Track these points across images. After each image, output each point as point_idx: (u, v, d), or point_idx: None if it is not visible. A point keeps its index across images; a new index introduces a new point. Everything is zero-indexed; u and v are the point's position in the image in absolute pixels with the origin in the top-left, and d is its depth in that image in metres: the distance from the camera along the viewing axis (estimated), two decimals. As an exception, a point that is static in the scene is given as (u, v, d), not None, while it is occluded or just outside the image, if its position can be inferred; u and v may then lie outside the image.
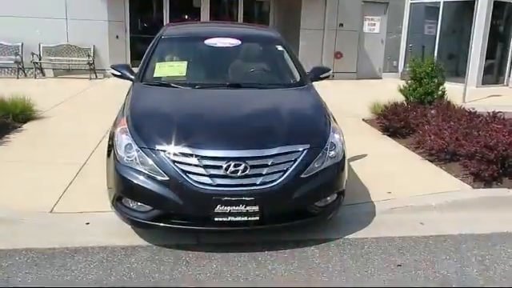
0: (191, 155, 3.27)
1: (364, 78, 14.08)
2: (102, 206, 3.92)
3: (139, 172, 3.32)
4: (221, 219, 3.25)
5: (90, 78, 11.49)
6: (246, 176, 3.26)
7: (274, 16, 14.41)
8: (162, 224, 3.36)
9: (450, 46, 14.12)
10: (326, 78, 4.76)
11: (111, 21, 11.94)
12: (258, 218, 3.28)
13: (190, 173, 3.24)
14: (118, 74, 4.50)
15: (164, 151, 3.30)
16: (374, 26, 14.56)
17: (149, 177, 3.29)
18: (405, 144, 6.17)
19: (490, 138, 4.79)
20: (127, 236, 3.69)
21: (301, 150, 3.41)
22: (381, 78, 14.68)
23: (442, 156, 5.36)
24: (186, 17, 13.41)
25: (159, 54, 4.64)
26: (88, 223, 3.89)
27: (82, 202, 4.18)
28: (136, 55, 12.44)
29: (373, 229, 3.92)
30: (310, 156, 3.42)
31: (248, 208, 3.24)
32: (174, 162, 3.27)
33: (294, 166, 3.34)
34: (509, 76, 13.72)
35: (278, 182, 3.29)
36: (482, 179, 4.65)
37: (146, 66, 4.46)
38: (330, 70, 4.79)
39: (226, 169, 3.24)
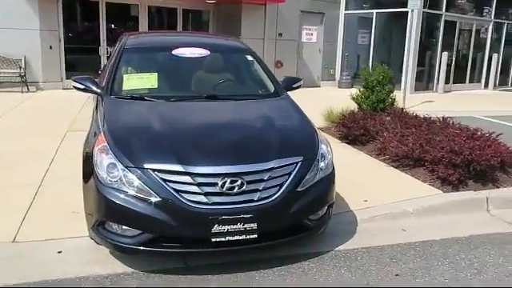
0: (184, 173, 3.07)
1: (304, 87, 14.29)
2: (70, 231, 3.68)
3: (126, 193, 3.06)
4: (218, 239, 3.07)
5: (22, 91, 10.71)
6: (243, 192, 3.10)
7: (213, 25, 14.28)
8: (152, 249, 3.12)
9: (383, 55, 14.73)
10: (298, 87, 4.72)
11: (43, 30, 11.22)
12: (256, 235, 3.13)
13: (183, 192, 3.03)
14: (81, 87, 4.15)
15: (153, 170, 3.07)
16: (311, 35, 14.88)
17: (137, 198, 3.04)
18: (366, 151, 6.28)
19: (453, 143, 4.97)
20: (107, 263, 3.40)
21: (295, 162, 3.31)
22: (319, 86, 15.02)
23: (405, 162, 5.49)
24: (125, 26, 12.95)
25: (125, 66, 4.36)
26: (60, 251, 3.54)
27: (47, 227, 3.82)
28: (71, 66, 11.83)
29: (359, 239, 3.90)
30: (304, 168, 3.33)
31: (246, 226, 3.08)
32: (165, 180, 3.04)
33: (289, 180, 3.24)
34: (437, 83, 14.54)
35: (276, 196, 3.17)
36: (449, 183, 4.81)
37: (113, 78, 4.16)
38: (301, 79, 4.75)
39: (222, 186, 3.07)
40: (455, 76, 15.08)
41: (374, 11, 14.47)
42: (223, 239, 3.08)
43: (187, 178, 3.06)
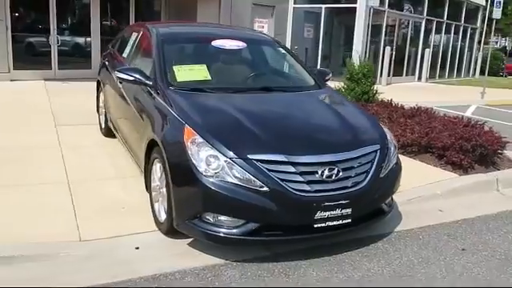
0: (286, 163, 3.16)
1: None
2: (132, 227, 3.65)
3: (231, 183, 3.09)
4: (320, 225, 3.21)
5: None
6: (339, 179, 3.26)
7: (166, 15, 13.98)
8: (256, 238, 3.18)
9: (332, 48, 15.36)
10: (328, 80, 4.91)
11: (-12, 18, 10.34)
12: (350, 220, 3.31)
13: (287, 181, 3.13)
14: (130, 78, 4.04)
15: (257, 160, 3.13)
16: (262, 28, 15.07)
17: (244, 188, 3.08)
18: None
19: (460, 131, 5.47)
20: (193, 255, 3.40)
21: (375, 150, 3.53)
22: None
23: (409, 150, 5.90)
24: (75, 15, 12.32)
25: (169, 57, 4.27)
26: (137, 248, 3.47)
27: (106, 225, 3.72)
28: (20, 57, 11.04)
29: (408, 220, 4.19)
30: (382, 156, 3.55)
31: (343, 211, 3.25)
32: (270, 170, 3.11)
33: (373, 167, 3.45)
34: (381, 75, 15.44)
35: (365, 183, 3.36)
36: (460, 167, 5.28)
37: (164, 70, 4.09)
38: (330, 72, 4.94)
39: (322, 174, 3.20)
40: (394, 69, 16.09)
41: (323, 6, 15.00)
42: (323, 225, 3.22)
43: (290, 168, 3.16)
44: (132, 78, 4.04)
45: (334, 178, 3.23)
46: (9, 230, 3.55)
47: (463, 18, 19.87)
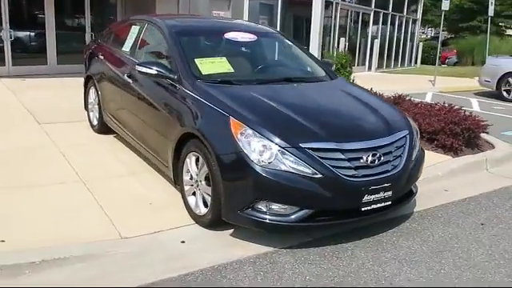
0: (336, 150, 3.29)
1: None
2: (168, 222, 3.65)
3: (286, 172, 3.17)
4: (366, 208, 3.38)
5: None
6: (381, 164, 3.44)
7: (122, 9, 13.59)
8: (310, 224, 3.30)
9: (288, 40, 15.56)
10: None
11: None
12: (390, 202, 3.51)
13: (338, 167, 3.26)
14: (153, 72, 3.99)
15: (309, 148, 3.23)
16: (220, 20, 15.05)
17: (298, 176, 3.18)
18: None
19: (449, 115, 5.85)
20: (241, 245, 3.45)
21: (405, 135, 3.74)
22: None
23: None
24: (28, 9, 11.68)
25: (188, 50, 4.25)
26: (183, 241, 3.47)
27: (141, 221, 3.69)
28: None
29: (423, 200, 4.43)
30: (411, 140, 3.77)
31: (385, 194, 3.44)
32: (322, 158, 3.23)
33: (406, 151, 3.66)
34: (336, 66, 15.91)
35: (401, 166, 3.56)
36: (450, 149, 5.65)
37: (187, 63, 4.07)
38: (333, 64, 5.10)
39: (366, 159, 3.36)
40: (347, 60, 16.62)
41: (279, -2, 15.20)
42: (369, 208, 3.40)
43: (339, 155, 3.29)
44: (155, 72, 3.99)
45: (376, 162, 3.41)
46: (48, 231, 3.43)
47: (405, 10, 20.83)
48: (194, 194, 3.77)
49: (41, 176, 4.47)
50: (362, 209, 3.36)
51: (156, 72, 3.99)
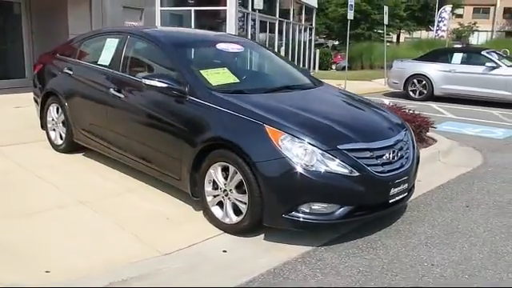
0: (366, 149, 3.58)
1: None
2: (196, 234, 3.66)
3: (327, 173, 3.38)
4: (392, 200, 3.72)
5: None
6: (399, 159, 3.81)
7: (28, 20, 12.68)
8: (350, 219, 3.54)
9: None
10: (310, 77, 5.40)
11: None
12: (406, 193, 3.90)
13: (370, 165, 3.55)
14: (163, 85, 3.95)
15: (345, 149, 3.48)
16: (133, 31, 14.71)
17: (338, 175, 3.41)
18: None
19: (402, 115, 6.47)
20: (281, 248, 3.58)
21: (406, 132, 4.16)
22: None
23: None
24: None
25: (191, 62, 4.28)
26: (225, 251, 3.52)
27: (169, 236, 3.66)
28: None
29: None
30: (410, 138, 4.20)
31: (404, 186, 3.82)
32: (357, 157, 3.50)
33: (412, 146, 4.08)
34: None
35: (411, 159, 3.97)
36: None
37: (194, 75, 4.10)
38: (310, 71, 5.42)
39: (388, 156, 3.71)
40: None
41: (192, 9, 15.27)
42: (393, 200, 3.74)
43: (369, 153, 3.59)
44: (165, 85, 3.95)
45: (395, 158, 3.76)
46: (84, 256, 3.26)
47: (303, 19, 22.07)
48: (218, 203, 3.81)
49: (31, 202, 4.15)
50: (390, 201, 3.69)
51: (166, 85, 3.95)
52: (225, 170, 3.70)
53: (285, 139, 3.42)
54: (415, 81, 12.33)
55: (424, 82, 12.16)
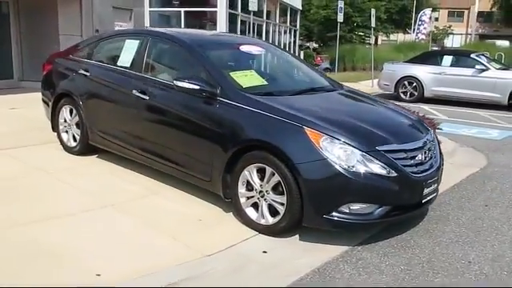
0: (401, 150, 3.66)
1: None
2: (231, 235, 3.70)
3: (368, 174, 3.45)
4: (424, 200, 3.81)
5: None
6: (429, 159, 3.91)
7: (16, 20, 12.43)
8: (387, 219, 3.62)
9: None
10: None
11: None
12: (435, 194, 3.99)
13: (406, 166, 3.64)
14: (196, 87, 3.97)
15: (384, 151, 3.55)
16: (122, 32, 14.58)
17: (378, 176, 3.47)
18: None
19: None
20: (320, 248, 3.63)
21: (432, 134, 4.26)
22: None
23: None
24: None
25: (221, 64, 4.29)
26: (265, 251, 3.55)
27: (204, 238, 3.66)
28: None
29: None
30: (435, 139, 4.30)
31: (434, 186, 3.92)
32: (394, 158, 3.57)
33: (437, 145, 4.18)
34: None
35: (438, 159, 4.08)
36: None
37: (224, 77, 4.12)
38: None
39: (420, 157, 3.80)
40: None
41: (182, 9, 15.21)
42: (425, 200, 3.83)
43: (404, 154, 3.67)
44: (197, 87, 3.97)
45: (427, 159, 3.86)
46: (128, 259, 3.25)
47: (288, 20, 22.21)
48: (253, 205, 3.83)
49: (56, 206, 4.09)
50: (423, 201, 3.78)
51: (198, 87, 3.96)
52: (260, 171, 3.73)
53: (325, 141, 3.47)
54: (406, 83, 12.56)
55: (414, 84, 12.40)
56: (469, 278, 3.25)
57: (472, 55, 12.17)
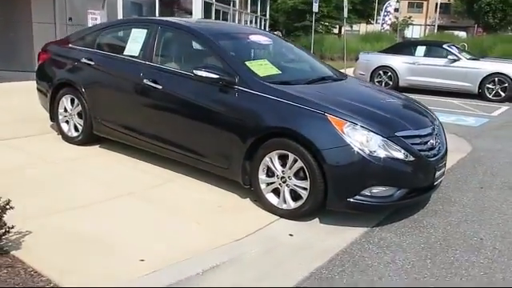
0: (417, 136, 3.88)
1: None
2: (252, 220, 3.83)
3: (388, 158, 3.63)
4: (436, 183, 4.05)
5: None
6: (438, 144, 4.14)
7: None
8: (406, 201, 3.82)
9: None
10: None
11: None
12: (443, 176, 4.24)
13: (421, 150, 3.85)
14: (215, 76, 4.04)
15: (402, 136, 3.75)
16: (96, 20, 14.26)
17: (398, 160, 3.67)
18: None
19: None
20: (342, 230, 3.80)
21: (438, 120, 4.50)
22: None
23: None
24: None
25: (234, 54, 4.37)
26: (291, 234, 3.70)
27: (229, 224, 3.78)
28: None
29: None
30: (440, 125, 4.55)
31: (443, 170, 4.17)
32: (411, 143, 3.78)
33: (443, 132, 4.43)
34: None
35: (445, 144, 4.32)
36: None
37: (241, 66, 4.21)
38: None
39: (432, 142, 4.02)
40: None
41: (157, -3, 15.05)
42: (436, 182, 4.07)
43: (418, 140, 3.89)
44: (216, 76, 4.04)
45: (436, 144, 4.09)
46: (167, 245, 3.33)
47: (258, 10, 22.30)
48: (273, 190, 3.96)
49: (77, 195, 4.10)
50: (435, 183, 4.02)
51: (217, 76, 4.04)
52: (281, 157, 3.85)
53: (348, 127, 3.63)
54: (381, 72, 12.92)
55: (389, 74, 12.78)
56: (485, 253, 3.50)
57: (444, 46, 12.64)
